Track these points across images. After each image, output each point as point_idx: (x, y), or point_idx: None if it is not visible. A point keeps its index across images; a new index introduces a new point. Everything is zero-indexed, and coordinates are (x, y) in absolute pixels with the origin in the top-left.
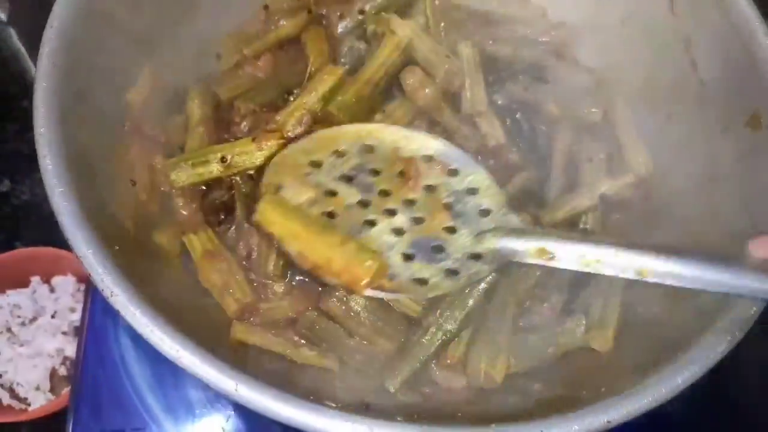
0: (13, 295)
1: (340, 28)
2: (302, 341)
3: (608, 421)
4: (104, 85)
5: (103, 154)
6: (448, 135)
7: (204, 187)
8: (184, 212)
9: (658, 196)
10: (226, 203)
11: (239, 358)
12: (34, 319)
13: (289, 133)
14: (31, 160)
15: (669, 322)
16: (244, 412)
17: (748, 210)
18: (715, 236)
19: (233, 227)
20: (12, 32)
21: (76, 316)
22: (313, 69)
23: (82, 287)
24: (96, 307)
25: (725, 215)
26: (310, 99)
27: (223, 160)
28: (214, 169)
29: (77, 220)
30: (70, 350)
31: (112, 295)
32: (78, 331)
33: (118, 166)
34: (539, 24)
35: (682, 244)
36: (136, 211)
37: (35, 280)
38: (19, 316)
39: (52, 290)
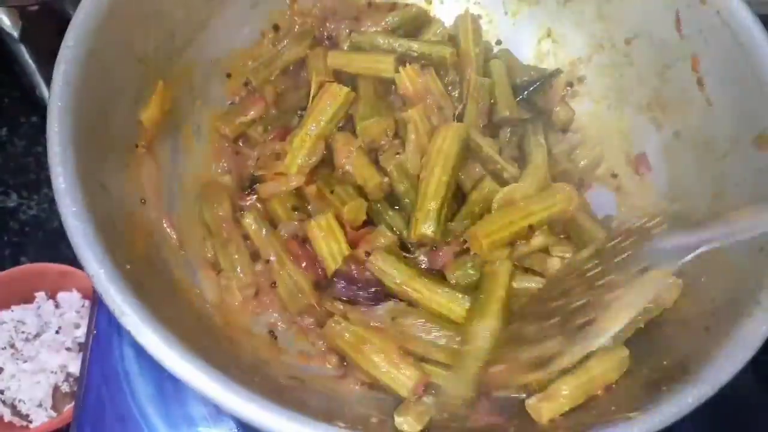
0: (18, 311)
1: (347, 46)
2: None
3: None
4: (117, 105)
5: (115, 173)
6: None
7: None
8: None
9: (666, 213)
10: None
11: (248, 376)
12: (38, 335)
13: (304, 168)
14: (38, 175)
15: (679, 342)
16: (246, 428)
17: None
18: (720, 251)
19: None
20: (23, 49)
21: (81, 332)
22: (315, 88)
23: (87, 303)
24: (101, 324)
25: None
26: (318, 126)
27: None
28: None
29: (89, 240)
30: (74, 366)
31: (122, 315)
32: (82, 347)
33: (129, 185)
34: None
35: None
36: (147, 229)
37: (40, 295)
38: (23, 332)
39: (57, 306)
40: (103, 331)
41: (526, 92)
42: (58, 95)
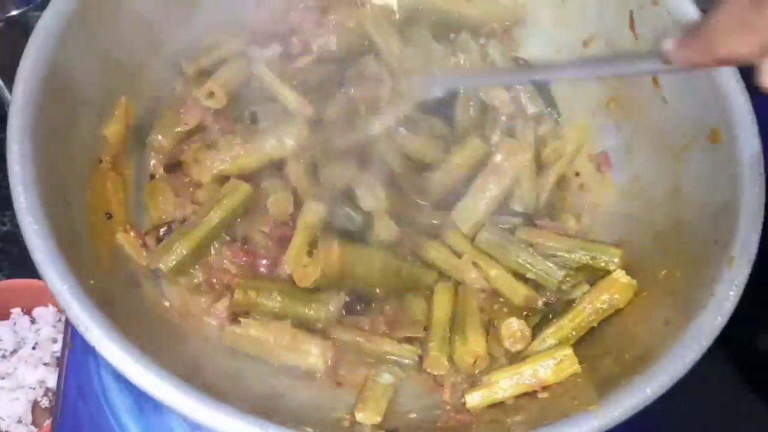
0: None
1: None
2: None
3: None
4: (80, 120)
5: (78, 188)
6: None
7: None
8: None
9: (625, 208)
10: None
11: (218, 387)
12: (14, 352)
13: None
14: (10, 191)
15: (641, 335)
16: None
17: (710, 220)
18: (679, 245)
19: None
20: None
21: (58, 347)
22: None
23: (64, 318)
24: (76, 338)
25: (688, 225)
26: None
27: None
28: None
29: (51, 256)
30: (52, 381)
31: (87, 330)
32: (59, 362)
33: (94, 200)
34: None
35: None
36: (112, 243)
37: (16, 311)
38: None
39: (33, 321)
40: (78, 345)
41: None
42: (17, 112)
